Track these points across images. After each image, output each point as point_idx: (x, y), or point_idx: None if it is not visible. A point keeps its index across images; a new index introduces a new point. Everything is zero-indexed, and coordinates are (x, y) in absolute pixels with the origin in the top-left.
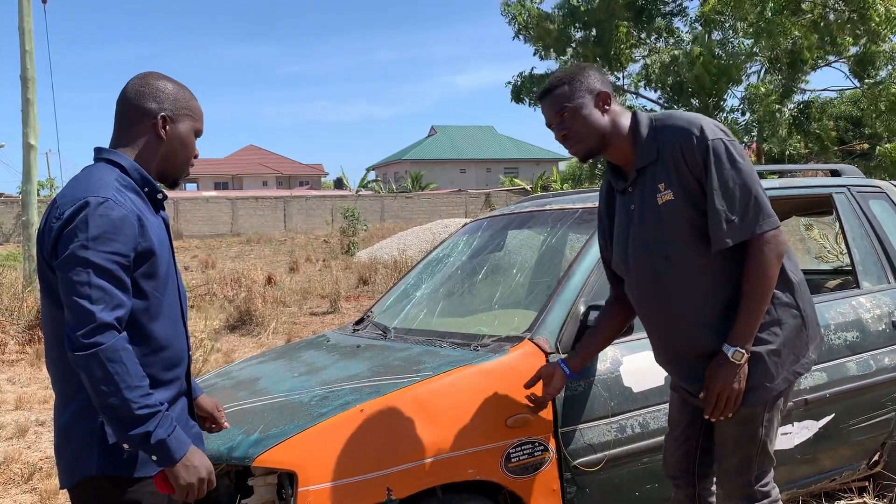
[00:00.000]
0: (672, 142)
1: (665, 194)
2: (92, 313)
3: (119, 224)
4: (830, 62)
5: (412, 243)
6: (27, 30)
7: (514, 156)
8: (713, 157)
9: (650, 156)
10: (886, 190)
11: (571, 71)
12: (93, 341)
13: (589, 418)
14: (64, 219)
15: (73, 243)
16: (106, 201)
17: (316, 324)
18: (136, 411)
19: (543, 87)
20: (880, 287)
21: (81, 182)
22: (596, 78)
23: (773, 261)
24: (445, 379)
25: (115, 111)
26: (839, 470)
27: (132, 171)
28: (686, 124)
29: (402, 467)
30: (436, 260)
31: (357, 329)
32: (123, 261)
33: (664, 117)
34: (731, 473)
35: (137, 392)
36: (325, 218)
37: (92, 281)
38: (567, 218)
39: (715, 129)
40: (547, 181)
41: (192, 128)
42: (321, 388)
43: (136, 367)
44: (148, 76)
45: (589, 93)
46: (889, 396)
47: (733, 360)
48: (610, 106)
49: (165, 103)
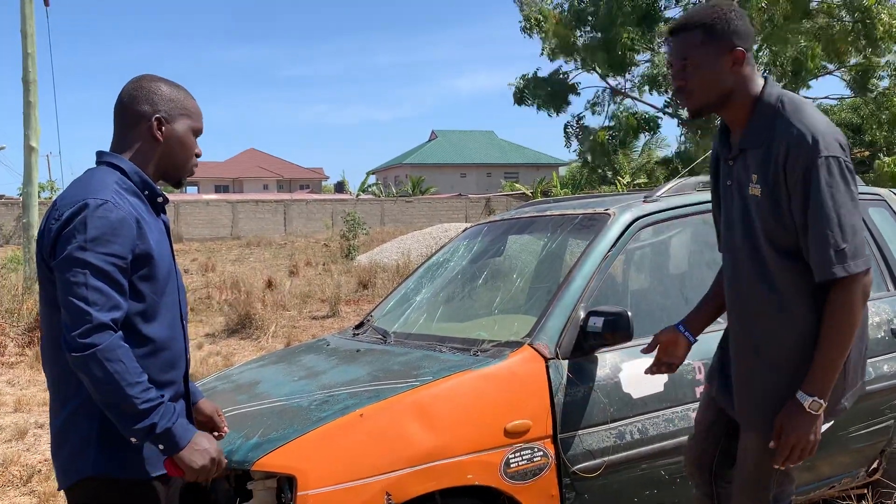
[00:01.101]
0: (781, 139)
1: (755, 188)
2: (88, 314)
3: (117, 226)
4: (831, 71)
5: (412, 247)
6: (29, 33)
7: (515, 160)
8: (820, 174)
9: (757, 141)
10: (886, 198)
11: (713, 13)
12: (89, 342)
13: (588, 424)
14: (63, 220)
15: (72, 244)
16: (105, 203)
17: (316, 328)
18: (140, 405)
19: (678, 20)
20: (879, 295)
21: (81, 184)
22: (738, 28)
23: (860, 305)
24: (445, 384)
25: (114, 115)
26: (838, 477)
27: (132, 175)
28: (804, 128)
29: (402, 472)
30: (436, 264)
31: (357, 333)
32: (121, 262)
33: (790, 106)
34: (748, 488)
35: (138, 388)
36: (326, 222)
37: (89, 282)
38: (567, 223)
39: (832, 145)
40: (547, 186)
41: (190, 127)
42: (321, 392)
43: (133, 363)
44: (142, 79)
45: (724, 46)
46: (888, 404)
47: (810, 411)
48: (742, 66)
49: (160, 105)
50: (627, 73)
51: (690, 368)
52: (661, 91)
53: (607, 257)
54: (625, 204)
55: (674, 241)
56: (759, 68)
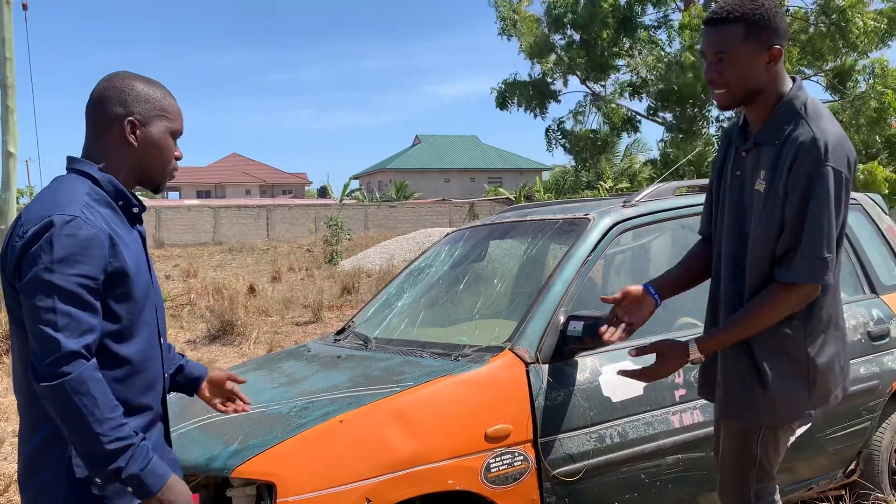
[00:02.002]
0: (794, 141)
1: (760, 183)
2: (57, 342)
3: (87, 244)
4: (809, 76)
5: (396, 252)
6: (7, 38)
7: (498, 165)
8: (822, 183)
9: (772, 138)
10: (862, 202)
11: (756, 7)
12: (58, 371)
13: (568, 428)
14: (27, 238)
15: (37, 266)
16: (73, 220)
17: (298, 333)
18: (107, 445)
19: (717, 10)
20: (856, 298)
21: (48, 197)
22: (778, 25)
23: (789, 308)
24: (426, 389)
25: (85, 116)
26: (816, 479)
27: (105, 184)
28: (818, 134)
29: (382, 478)
30: (418, 269)
31: (338, 339)
32: (92, 283)
33: (812, 111)
34: (730, 485)
35: (108, 425)
36: (309, 227)
37: (57, 307)
38: (548, 228)
39: (840, 159)
40: (530, 191)
41: (168, 129)
42: (301, 398)
43: (106, 396)
44: (114, 77)
45: (764, 43)
46: (865, 406)
47: (691, 357)
48: (777, 63)
49: (134, 106)
50: (608, 78)
51: None
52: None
53: (587, 262)
54: (604, 209)
55: (653, 245)
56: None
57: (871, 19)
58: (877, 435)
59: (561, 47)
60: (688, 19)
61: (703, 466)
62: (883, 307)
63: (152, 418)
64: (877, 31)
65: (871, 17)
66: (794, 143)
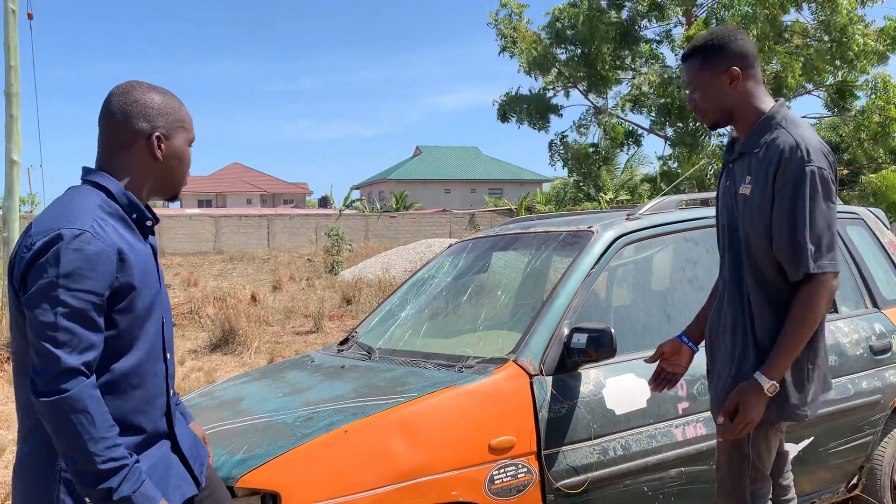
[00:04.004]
0: (776, 147)
1: (746, 188)
2: (58, 358)
3: (94, 260)
4: (810, 91)
5: (396, 263)
6: (12, 46)
7: (499, 176)
8: (805, 183)
9: (754, 147)
10: (864, 216)
11: (711, 38)
12: (57, 388)
13: (572, 440)
14: (35, 250)
15: (43, 279)
16: (82, 234)
17: (299, 343)
18: (100, 465)
19: (687, 47)
20: (858, 312)
21: (59, 209)
22: (734, 49)
23: (823, 303)
24: (430, 400)
25: (100, 129)
26: (818, 493)
27: (119, 197)
28: (798, 140)
29: (386, 488)
30: (421, 280)
31: (341, 349)
32: (96, 300)
33: (790, 121)
34: (726, 487)
35: (102, 444)
36: (309, 236)
37: (59, 322)
38: (552, 240)
39: (819, 158)
40: (531, 202)
41: (187, 139)
42: (305, 408)
43: (103, 415)
44: (131, 90)
45: (719, 67)
46: (867, 420)
47: (767, 392)
48: (739, 82)
49: (157, 120)
50: (609, 91)
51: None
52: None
53: (591, 274)
54: (608, 221)
55: (656, 258)
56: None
57: (873, 39)
58: (879, 449)
59: (562, 62)
60: (692, 31)
61: (706, 479)
62: (885, 321)
63: (150, 436)
64: (875, 50)
65: (872, 38)
66: (776, 149)
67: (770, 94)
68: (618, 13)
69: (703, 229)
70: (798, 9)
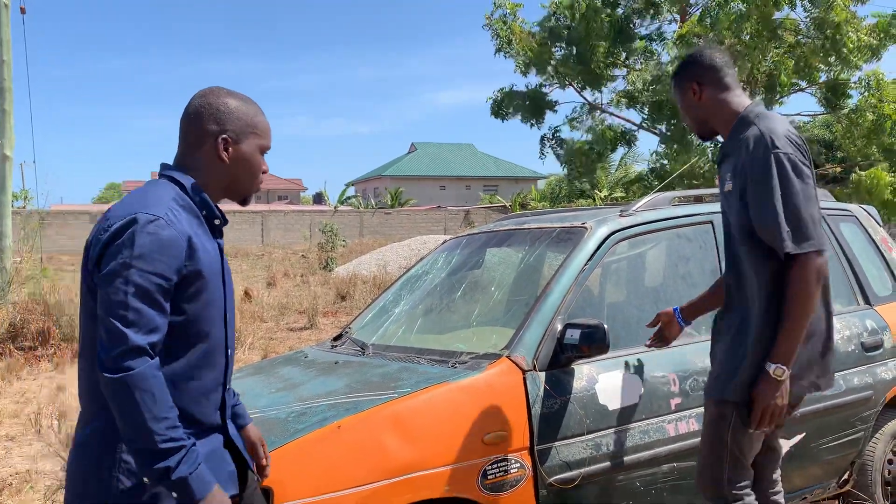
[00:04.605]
0: (747, 140)
1: (728, 184)
2: (125, 336)
3: (166, 244)
4: (803, 88)
5: (391, 259)
6: (5, 40)
7: (494, 173)
8: (773, 167)
9: (733, 146)
10: (856, 214)
11: (682, 60)
12: (123, 365)
13: (564, 436)
14: (111, 232)
15: (117, 260)
16: (156, 220)
17: (293, 339)
18: (160, 444)
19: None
20: (850, 309)
21: (137, 197)
22: (694, 66)
23: (813, 282)
24: (423, 396)
25: (179, 128)
26: (810, 488)
27: (192, 193)
28: (764, 129)
29: (379, 483)
30: (415, 276)
31: (335, 345)
32: (165, 283)
33: (761, 116)
34: (705, 468)
35: (163, 424)
36: (304, 233)
37: (129, 302)
38: (545, 236)
39: (784, 143)
40: (526, 199)
41: (258, 146)
42: (298, 404)
43: (164, 396)
44: (209, 94)
45: (686, 84)
46: (858, 416)
47: (774, 377)
48: (703, 93)
49: (228, 124)
50: (604, 88)
51: (666, 381)
52: (639, 107)
53: (584, 270)
54: (601, 218)
55: (649, 254)
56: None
57: (866, 34)
58: (870, 445)
59: (557, 60)
60: (686, 29)
61: None
62: (877, 318)
63: (204, 428)
64: (869, 45)
65: (865, 33)
66: (745, 142)
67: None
68: (612, 11)
69: (695, 226)
70: (791, 6)
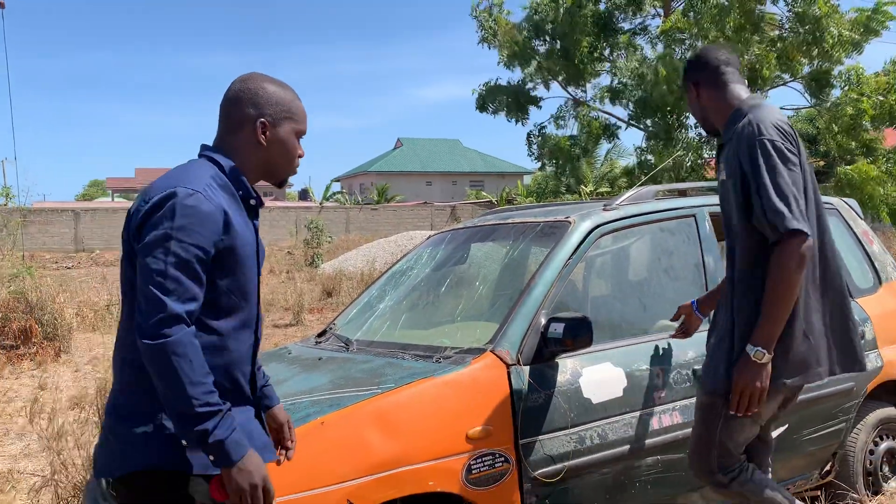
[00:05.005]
0: (738, 130)
1: (722, 174)
2: (164, 303)
3: (204, 217)
4: (787, 81)
5: (378, 255)
6: None
7: (480, 169)
8: (759, 153)
9: (727, 137)
10: (838, 206)
11: (688, 60)
12: (161, 332)
13: (549, 430)
14: (152, 203)
15: (158, 230)
16: (195, 194)
17: (279, 336)
18: (197, 408)
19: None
20: None
21: (177, 173)
22: (693, 68)
23: (796, 264)
24: (407, 391)
25: (220, 111)
26: (793, 479)
27: (229, 173)
28: (752, 118)
29: (363, 480)
30: (399, 272)
31: (319, 341)
32: (202, 255)
33: (754, 107)
34: (696, 450)
35: (200, 388)
36: (289, 229)
37: (168, 271)
38: (529, 231)
39: (771, 130)
40: (512, 194)
41: (294, 130)
42: (282, 400)
43: (201, 362)
44: (249, 79)
45: (688, 85)
46: (840, 407)
47: (755, 360)
48: (699, 92)
49: (265, 108)
50: (588, 83)
51: (649, 374)
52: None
53: (568, 264)
54: (585, 212)
55: (632, 248)
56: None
57: (847, 30)
58: (851, 436)
59: (541, 55)
60: (669, 24)
61: (683, 467)
62: (858, 310)
63: (236, 398)
64: (850, 40)
65: (847, 28)
66: (735, 133)
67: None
68: (595, 5)
69: (679, 219)
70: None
